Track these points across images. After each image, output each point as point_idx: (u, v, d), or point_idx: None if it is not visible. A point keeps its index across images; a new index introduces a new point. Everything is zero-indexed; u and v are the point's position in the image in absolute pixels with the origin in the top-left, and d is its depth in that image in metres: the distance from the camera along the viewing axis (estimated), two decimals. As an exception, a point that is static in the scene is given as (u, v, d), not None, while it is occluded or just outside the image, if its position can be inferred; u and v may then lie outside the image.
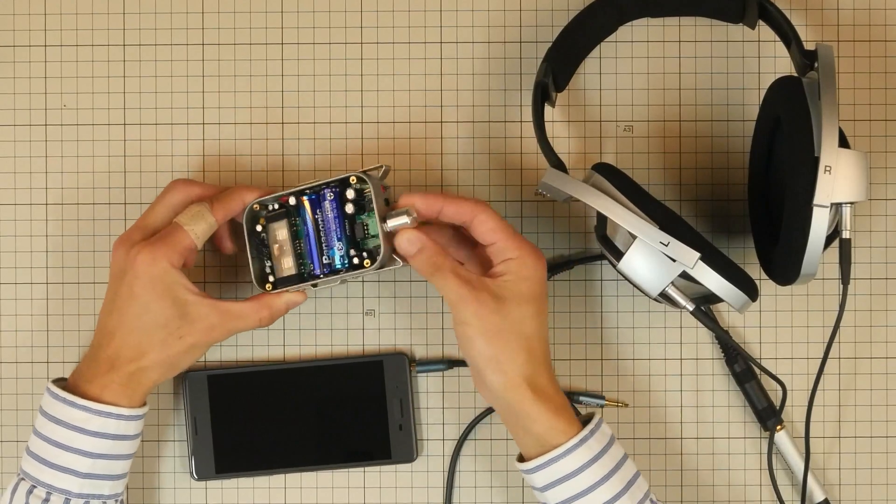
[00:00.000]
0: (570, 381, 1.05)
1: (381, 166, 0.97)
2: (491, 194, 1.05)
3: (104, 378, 0.95)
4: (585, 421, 0.95)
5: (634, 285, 0.94)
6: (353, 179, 0.96)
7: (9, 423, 1.06)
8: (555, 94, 1.01)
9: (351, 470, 1.05)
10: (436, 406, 1.06)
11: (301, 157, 1.05)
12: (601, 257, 1.04)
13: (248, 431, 1.04)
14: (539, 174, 1.05)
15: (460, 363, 1.05)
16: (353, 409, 1.04)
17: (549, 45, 1.01)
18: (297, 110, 1.06)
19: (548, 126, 1.00)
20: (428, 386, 1.06)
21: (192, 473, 1.04)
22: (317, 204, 0.97)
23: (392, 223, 0.95)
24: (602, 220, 0.96)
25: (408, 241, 0.94)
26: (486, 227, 0.94)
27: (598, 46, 1.05)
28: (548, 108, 1.02)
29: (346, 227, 0.97)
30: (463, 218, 0.95)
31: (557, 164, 0.96)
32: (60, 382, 0.97)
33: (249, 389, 1.04)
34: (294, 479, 1.05)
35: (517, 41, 1.06)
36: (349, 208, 0.96)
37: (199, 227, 0.96)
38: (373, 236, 0.97)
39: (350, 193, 0.96)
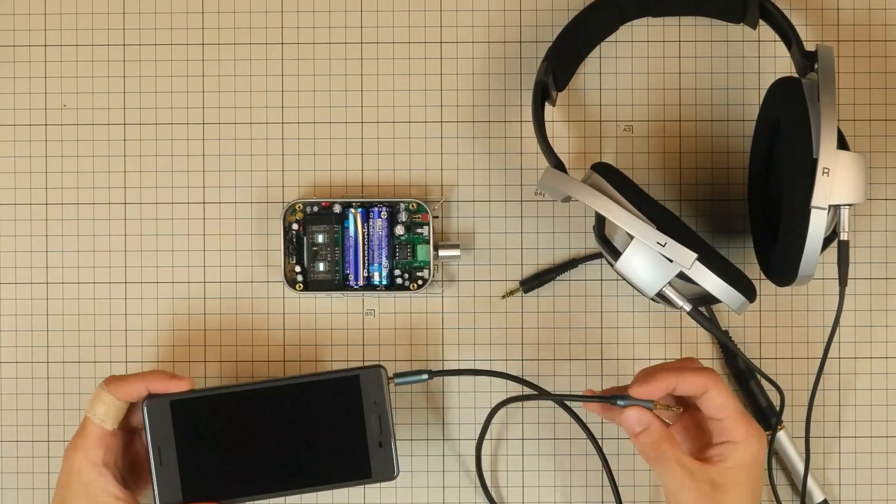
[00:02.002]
0: (570, 382, 1.05)
1: (440, 199, 1.04)
2: (491, 194, 1.05)
3: None
4: None
5: (632, 285, 0.94)
6: (412, 205, 1.02)
7: (9, 423, 1.06)
8: (555, 93, 1.01)
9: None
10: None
11: (301, 157, 1.05)
12: (601, 256, 1.04)
13: (218, 458, 0.97)
14: (539, 174, 1.05)
15: (441, 373, 1.02)
16: (329, 427, 0.98)
17: (549, 44, 1.01)
18: (297, 110, 1.06)
19: (548, 126, 1.00)
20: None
21: (155, 503, 0.97)
22: (365, 218, 1.02)
23: (444, 252, 1.02)
24: (601, 219, 0.96)
25: (637, 421, 0.92)
26: (715, 404, 0.91)
27: (599, 46, 1.05)
28: (548, 108, 1.02)
29: (394, 247, 1.02)
30: (693, 393, 0.92)
31: (557, 163, 0.96)
32: None
33: (217, 413, 0.97)
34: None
35: (517, 41, 1.06)
36: (399, 230, 1.02)
37: (99, 410, 0.95)
38: (419, 261, 1.02)
39: (402, 216, 1.02)
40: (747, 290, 0.93)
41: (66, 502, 0.94)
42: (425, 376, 0.99)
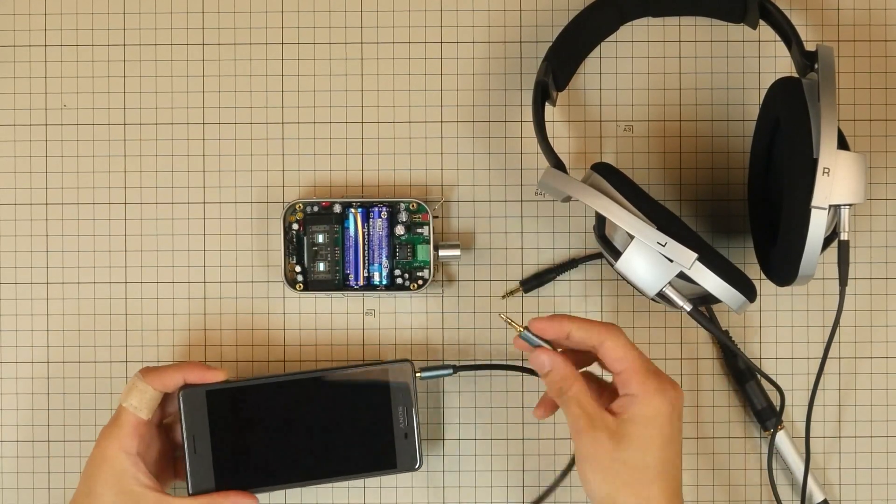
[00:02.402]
0: (570, 381, 1.05)
1: (440, 199, 1.04)
2: (491, 194, 1.05)
3: None
4: None
5: (632, 285, 0.94)
6: (412, 205, 1.02)
7: (9, 423, 1.06)
8: (555, 93, 1.01)
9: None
10: (438, 413, 1.06)
11: (301, 157, 1.05)
12: (601, 256, 1.04)
13: (249, 447, 1.01)
14: (539, 174, 1.05)
15: (465, 368, 1.04)
16: (358, 419, 1.01)
17: (549, 44, 1.01)
18: (297, 110, 1.06)
19: (548, 126, 1.00)
20: (431, 392, 1.06)
21: (188, 490, 1.00)
22: (365, 218, 1.02)
23: (444, 252, 1.02)
24: (601, 219, 0.96)
25: (544, 361, 0.92)
26: (612, 356, 0.90)
27: (599, 46, 1.05)
28: (548, 108, 1.02)
29: (394, 247, 1.02)
30: (590, 343, 0.90)
31: (557, 163, 0.96)
32: None
33: (250, 404, 1.01)
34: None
35: (517, 41, 1.06)
36: (399, 230, 1.02)
37: (134, 400, 0.96)
38: (419, 261, 1.02)
39: (403, 216, 1.02)
40: (747, 290, 0.93)
41: (94, 491, 0.95)
42: (449, 371, 1.02)
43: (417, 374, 1.02)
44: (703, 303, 0.95)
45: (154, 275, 1.05)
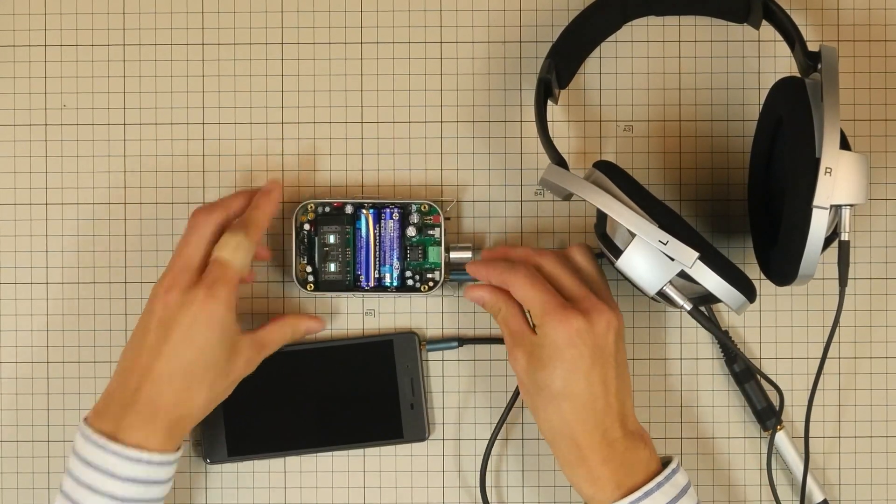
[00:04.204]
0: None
1: (453, 201, 1.04)
2: (491, 194, 1.05)
3: (148, 426, 0.94)
4: (664, 464, 0.95)
5: (632, 283, 0.94)
6: (424, 207, 1.02)
7: (8, 423, 1.06)
8: (557, 90, 1.01)
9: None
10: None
11: (301, 157, 1.05)
12: (601, 256, 1.04)
13: (260, 414, 1.04)
14: (539, 174, 1.05)
15: (471, 341, 1.05)
16: (364, 389, 1.04)
17: (550, 44, 1.01)
18: (297, 110, 1.06)
19: (548, 125, 1.00)
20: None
21: (204, 458, 1.04)
22: (377, 219, 1.02)
23: (456, 255, 1.02)
24: (602, 217, 0.96)
25: (472, 297, 0.99)
26: (519, 297, 0.96)
27: (599, 46, 1.05)
28: (549, 108, 1.01)
29: (405, 248, 1.02)
30: (504, 287, 0.97)
31: (559, 160, 0.96)
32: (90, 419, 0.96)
33: (260, 373, 1.02)
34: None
35: (517, 41, 1.06)
36: (411, 231, 1.02)
37: (241, 257, 0.96)
38: (430, 263, 1.02)
39: (414, 217, 1.02)
40: (748, 290, 0.93)
41: (206, 350, 0.95)
42: (455, 344, 1.05)
43: (423, 346, 1.04)
44: (702, 302, 0.95)
45: (154, 275, 1.05)
